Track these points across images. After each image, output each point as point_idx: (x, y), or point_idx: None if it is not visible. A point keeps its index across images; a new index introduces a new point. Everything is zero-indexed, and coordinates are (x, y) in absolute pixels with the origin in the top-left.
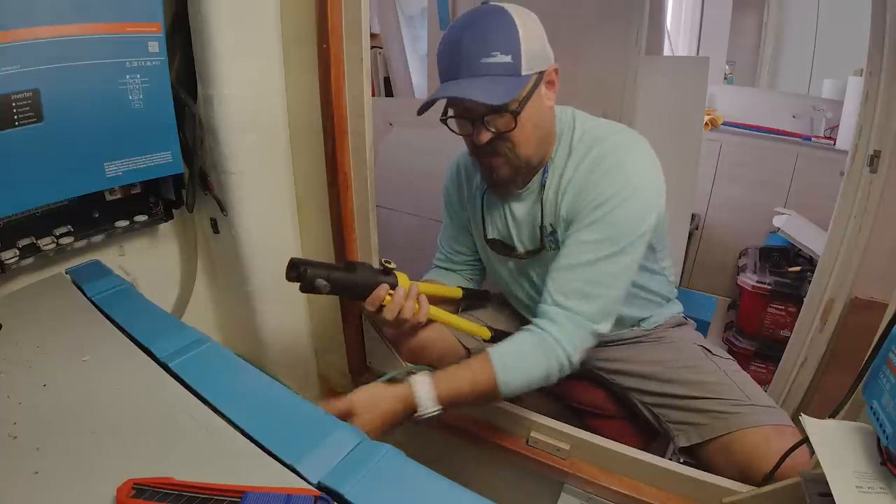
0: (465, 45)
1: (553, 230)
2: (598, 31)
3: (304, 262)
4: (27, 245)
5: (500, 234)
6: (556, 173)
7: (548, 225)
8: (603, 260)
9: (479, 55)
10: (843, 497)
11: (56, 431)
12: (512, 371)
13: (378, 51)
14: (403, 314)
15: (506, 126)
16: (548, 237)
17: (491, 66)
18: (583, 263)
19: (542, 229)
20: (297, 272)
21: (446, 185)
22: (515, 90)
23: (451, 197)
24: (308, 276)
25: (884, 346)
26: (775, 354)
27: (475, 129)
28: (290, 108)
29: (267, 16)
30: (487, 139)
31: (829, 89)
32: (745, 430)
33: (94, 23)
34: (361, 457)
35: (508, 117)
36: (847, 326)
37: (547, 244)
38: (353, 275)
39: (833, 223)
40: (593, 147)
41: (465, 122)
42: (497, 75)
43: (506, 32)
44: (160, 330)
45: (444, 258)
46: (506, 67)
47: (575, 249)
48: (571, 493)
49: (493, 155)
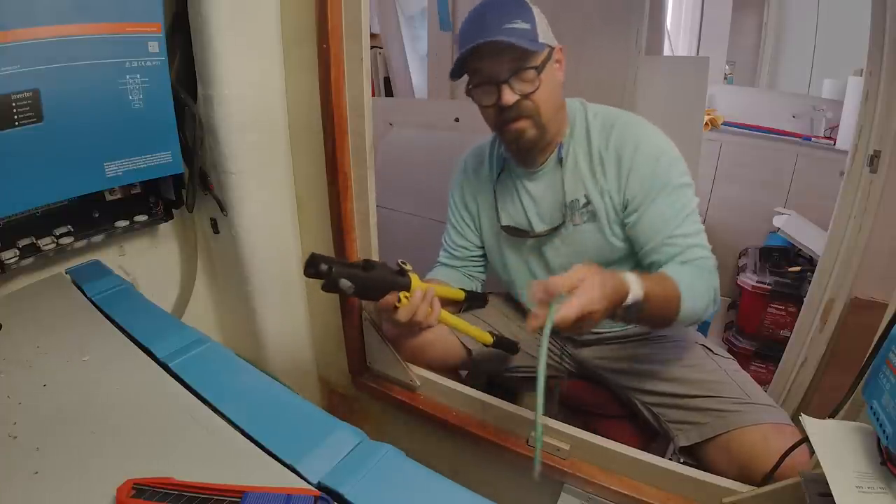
0: (489, 15)
1: (588, 202)
2: (599, 31)
3: (325, 259)
4: (27, 245)
5: (513, 219)
6: (581, 149)
7: (581, 197)
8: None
9: (501, 21)
10: (843, 497)
11: (56, 431)
12: (689, 290)
13: (378, 51)
14: (417, 317)
15: (531, 84)
16: (580, 210)
17: (513, 30)
18: (672, 228)
19: (569, 204)
20: (316, 269)
21: (454, 182)
22: (538, 46)
23: (458, 193)
24: (333, 276)
25: (884, 346)
26: (775, 354)
27: (501, 92)
28: (290, 108)
29: (267, 16)
30: (513, 100)
31: (829, 89)
32: (744, 429)
33: (94, 23)
34: (361, 457)
35: (533, 74)
36: (847, 326)
37: (577, 217)
38: (373, 275)
39: (833, 223)
40: (615, 122)
41: (491, 87)
42: (519, 36)
43: (522, 6)
44: (160, 330)
45: (449, 255)
46: (526, 33)
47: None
48: (571, 493)
49: (518, 118)
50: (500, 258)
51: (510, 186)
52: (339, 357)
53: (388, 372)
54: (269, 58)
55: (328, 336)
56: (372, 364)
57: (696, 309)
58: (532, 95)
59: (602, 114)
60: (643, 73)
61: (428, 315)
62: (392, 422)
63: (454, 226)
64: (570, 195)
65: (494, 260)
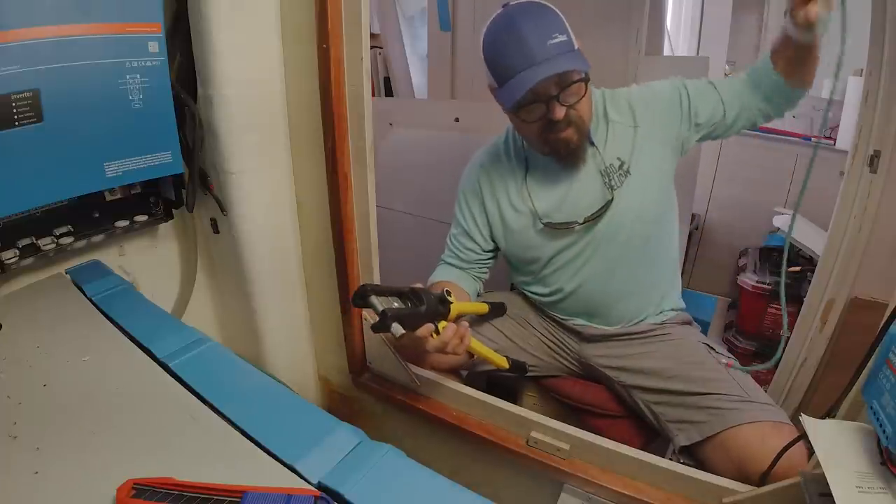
0: (528, 35)
1: (622, 162)
2: (599, 31)
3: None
4: (27, 245)
5: (551, 217)
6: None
7: (614, 161)
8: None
9: (544, 39)
10: (844, 497)
11: (56, 431)
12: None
13: (378, 51)
14: (447, 349)
15: (578, 94)
16: (617, 173)
17: (557, 45)
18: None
19: (607, 173)
20: (364, 300)
21: (466, 183)
22: (581, 61)
23: (472, 194)
24: (389, 322)
25: (883, 345)
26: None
27: (550, 107)
28: (290, 108)
29: (267, 16)
30: (563, 114)
31: (830, 89)
32: (742, 427)
33: (94, 23)
34: (361, 457)
35: (580, 85)
36: (847, 326)
37: (617, 181)
38: (421, 312)
39: (833, 223)
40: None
41: (539, 104)
42: (564, 52)
43: (554, 16)
44: (160, 330)
45: (455, 257)
46: (566, 45)
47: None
48: (571, 493)
49: (566, 128)
50: (537, 253)
51: (545, 181)
52: (339, 357)
53: (388, 372)
54: (269, 58)
55: (328, 336)
56: (372, 364)
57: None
58: (576, 105)
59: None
60: (643, 73)
61: (457, 346)
62: (392, 422)
63: (463, 228)
64: (607, 161)
65: (527, 256)
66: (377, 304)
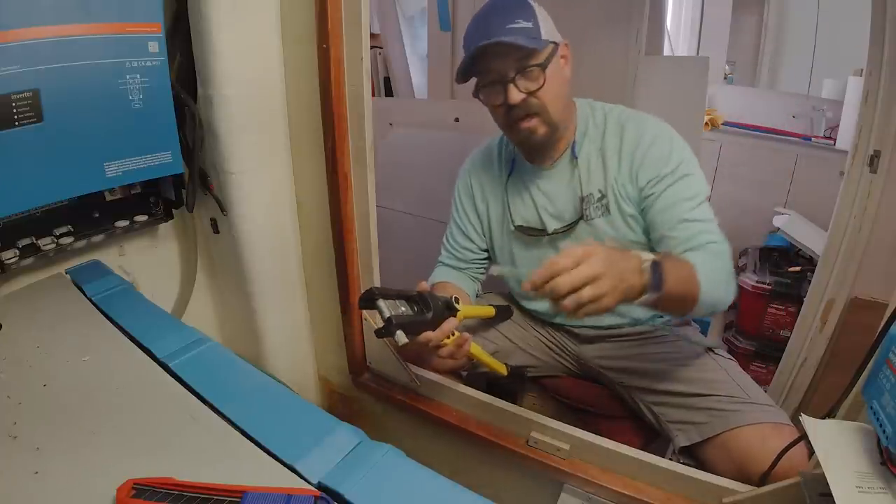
0: (491, 17)
1: (603, 196)
2: (599, 31)
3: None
4: (27, 245)
5: (526, 219)
6: (593, 146)
7: (595, 191)
8: (700, 204)
9: (504, 22)
10: (844, 497)
11: (56, 431)
12: (708, 274)
13: (378, 51)
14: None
15: (536, 82)
16: (594, 204)
17: (515, 29)
18: (685, 211)
19: (584, 199)
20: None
21: (460, 182)
22: (541, 44)
23: (465, 194)
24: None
25: (883, 345)
26: (775, 354)
27: (507, 91)
28: (290, 108)
29: (267, 16)
30: (520, 99)
31: (829, 89)
32: (742, 428)
33: (94, 23)
34: (361, 457)
35: (537, 72)
36: (847, 326)
37: (593, 212)
38: (427, 318)
39: (833, 223)
40: (627, 120)
41: (497, 87)
42: (522, 35)
43: (523, 7)
44: (160, 330)
45: (452, 257)
46: (528, 31)
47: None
48: (571, 493)
49: (527, 117)
50: (511, 259)
51: (522, 186)
52: (339, 357)
53: (388, 372)
54: (269, 58)
55: (328, 336)
56: (372, 364)
57: (716, 294)
58: (538, 93)
59: (614, 112)
60: (643, 73)
61: (455, 353)
62: (392, 422)
63: (459, 227)
64: (586, 190)
65: (505, 261)
66: (384, 309)
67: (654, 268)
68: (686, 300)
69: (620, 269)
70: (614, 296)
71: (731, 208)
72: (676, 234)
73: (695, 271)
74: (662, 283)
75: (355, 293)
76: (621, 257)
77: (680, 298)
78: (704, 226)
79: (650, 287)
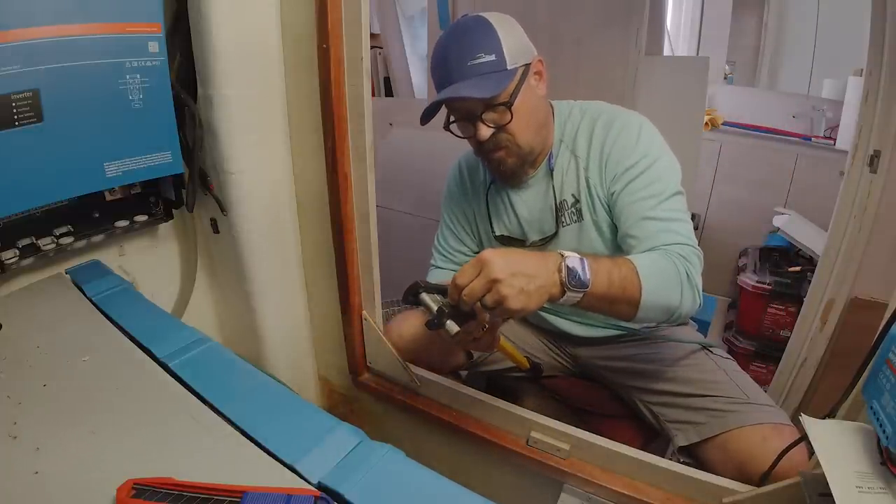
0: (452, 54)
1: (577, 200)
2: (599, 31)
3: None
4: (27, 245)
5: (507, 229)
6: (567, 150)
7: (569, 197)
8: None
9: (465, 59)
10: (843, 497)
11: (56, 431)
12: (653, 275)
13: (378, 51)
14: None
15: (502, 119)
16: (569, 210)
17: (478, 66)
18: (647, 210)
19: (558, 207)
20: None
21: (448, 184)
22: (503, 82)
23: (453, 196)
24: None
25: (883, 345)
26: (775, 354)
27: (476, 128)
28: (290, 109)
29: (267, 16)
30: (489, 135)
31: (829, 89)
32: (742, 429)
33: (94, 23)
34: (361, 457)
35: (503, 110)
36: (847, 326)
37: (567, 219)
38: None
39: (833, 223)
40: (599, 116)
41: (466, 123)
42: (485, 73)
43: (485, 35)
44: (160, 330)
45: (445, 259)
46: (491, 65)
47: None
48: (571, 493)
49: (497, 149)
50: None
51: (502, 197)
52: (339, 357)
53: (388, 372)
54: (268, 58)
55: (328, 336)
56: (372, 364)
57: (663, 298)
58: (506, 127)
59: (590, 110)
60: (643, 73)
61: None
62: (392, 422)
63: (451, 229)
64: (560, 197)
65: None
66: (430, 303)
67: (577, 266)
68: (619, 301)
69: (528, 270)
70: (526, 296)
71: (731, 208)
72: (636, 232)
73: (635, 272)
74: (586, 282)
75: (355, 293)
76: (529, 258)
77: (611, 299)
78: (666, 225)
79: (570, 285)
